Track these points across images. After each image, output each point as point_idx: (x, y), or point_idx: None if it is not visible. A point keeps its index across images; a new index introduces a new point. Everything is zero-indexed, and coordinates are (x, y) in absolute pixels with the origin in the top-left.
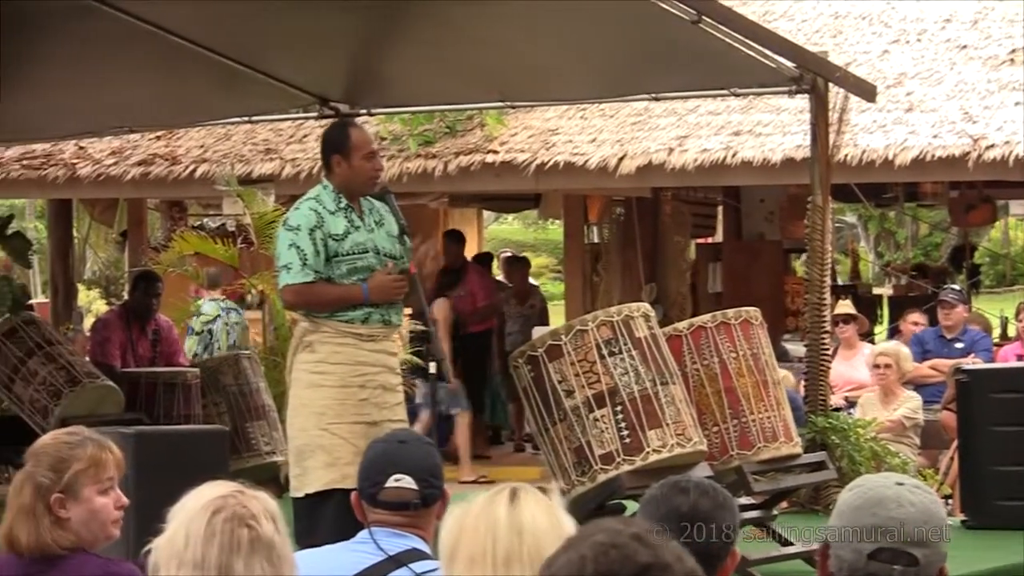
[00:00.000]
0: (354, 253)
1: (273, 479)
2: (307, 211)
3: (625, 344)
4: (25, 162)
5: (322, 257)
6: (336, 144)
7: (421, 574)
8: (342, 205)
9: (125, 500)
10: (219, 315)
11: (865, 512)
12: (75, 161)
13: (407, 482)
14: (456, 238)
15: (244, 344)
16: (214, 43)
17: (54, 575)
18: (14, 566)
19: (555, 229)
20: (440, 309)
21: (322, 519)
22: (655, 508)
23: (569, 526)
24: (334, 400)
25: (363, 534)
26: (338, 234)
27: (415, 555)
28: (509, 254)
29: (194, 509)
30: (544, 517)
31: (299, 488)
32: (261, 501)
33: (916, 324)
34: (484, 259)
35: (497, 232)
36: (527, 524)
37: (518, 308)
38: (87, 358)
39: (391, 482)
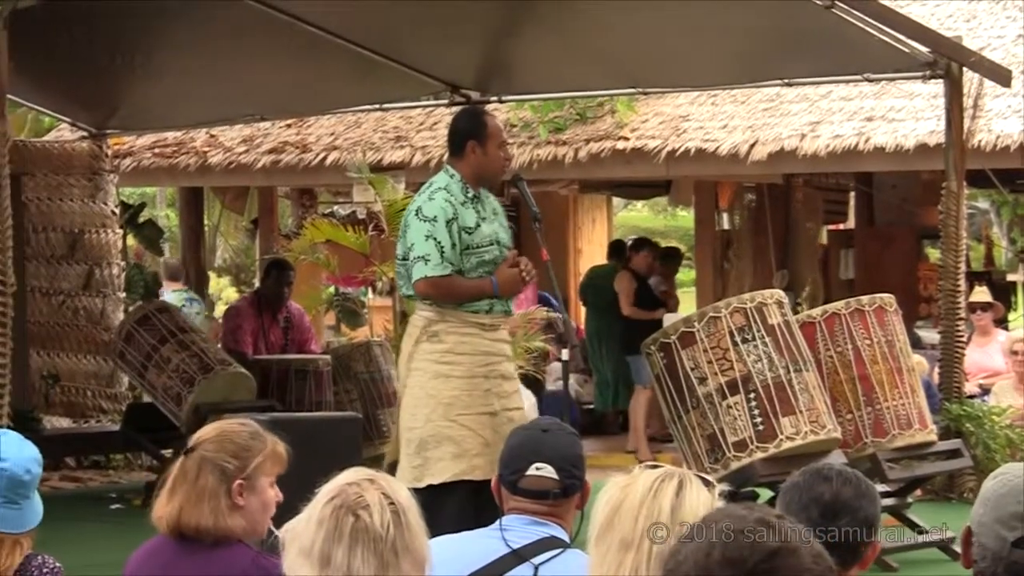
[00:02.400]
0: (483, 245)
1: None
2: (443, 202)
3: (758, 331)
4: (157, 150)
5: (457, 250)
6: (472, 131)
7: (541, 564)
8: (469, 195)
9: (281, 496)
10: (183, 305)
11: (1010, 500)
12: (206, 149)
13: (548, 471)
14: None
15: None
16: (347, 32)
17: (209, 561)
18: (171, 549)
19: (684, 216)
20: (621, 281)
21: (444, 511)
22: (797, 496)
23: None
24: (462, 391)
25: (496, 523)
26: (470, 227)
27: (551, 543)
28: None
29: (321, 495)
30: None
31: (419, 479)
32: (389, 491)
33: None
34: (617, 247)
35: (626, 219)
36: (688, 522)
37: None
38: (219, 345)
39: (532, 470)
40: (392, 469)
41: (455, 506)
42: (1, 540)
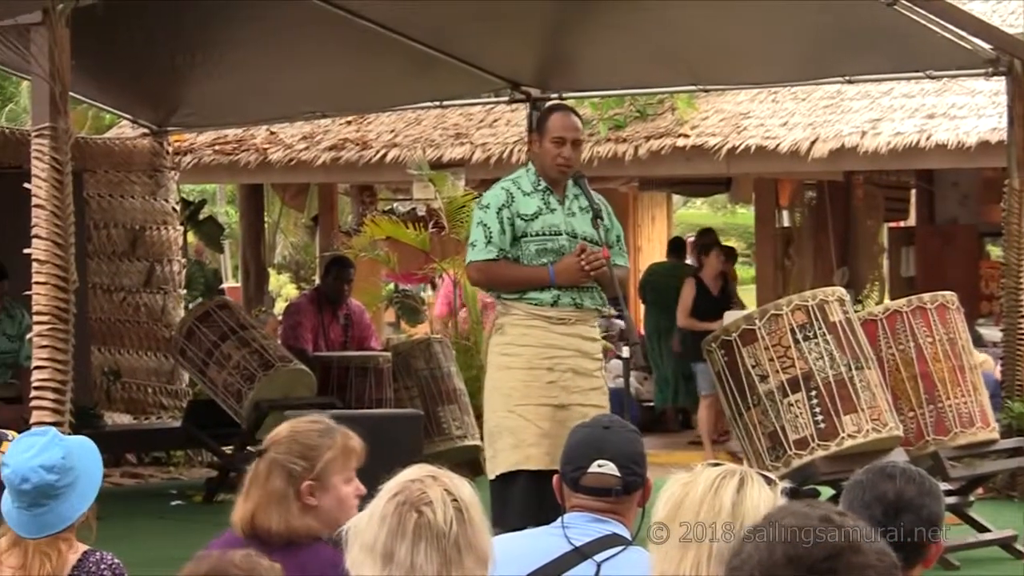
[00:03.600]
0: (544, 234)
1: (467, 463)
2: (499, 190)
3: (820, 328)
4: (217, 147)
5: (508, 236)
6: (536, 122)
7: (603, 562)
8: (540, 187)
9: (364, 490)
10: None
11: None
12: (266, 146)
13: (610, 468)
14: None
15: None
16: (408, 29)
17: (288, 562)
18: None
19: (744, 213)
20: (684, 288)
21: (510, 501)
22: (860, 494)
23: None
24: (521, 382)
25: (558, 520)
26: (528, 214)
27: (613, 541)
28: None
29: (384, 492)
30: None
31: (491, 470)
32: (452, 488)
33: None
34: (677, 245)
35: (685, 216)
36: (748, 522)
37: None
38: (279, 342)
39: (594, 467)
40: None
41: (518, 496)
42: (24, 544)
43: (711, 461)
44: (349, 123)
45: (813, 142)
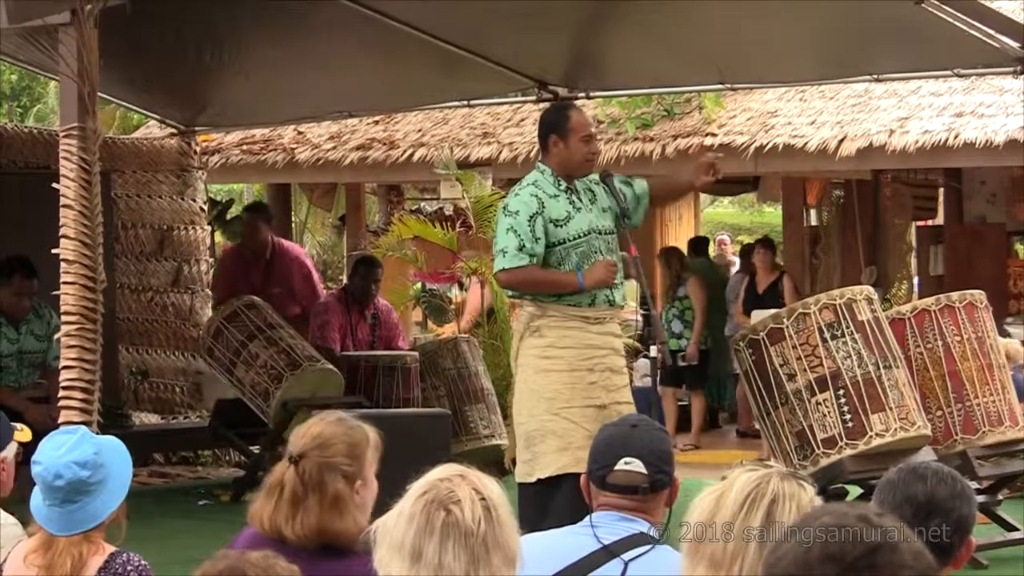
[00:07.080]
0: (579, 237)
1: (494, 462)
2: (527, 197)
3: (848, 327)
4: (244, 147)
5: (541, 243)
6: (555, 124)
7: (631, 561)
8: (562, 188)
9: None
10: None
11: None
12: (294, 146)
13: (636, 466)
14: None
15: None
16: (435, 29)
17: (336, 570)
18: (297, 556)
19: (772, 212)
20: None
21: (554, 504)
22: (891, 494)
23: None
24: (564, 384)
25: (586, 519)
26: (559, 219)
27: (640, 540)
28: (726, 237)
29: (413, 490)
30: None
31: (530, 474)
32: (481, 487)
33: None
34: (701, 243)
35: (712, 215)
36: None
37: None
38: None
39: (621, 465)
40: (513, 464)
41: (565, 499)
42: (51, 544)
43: (751, 462)
44: (376, 123)
45: (841, 141)
